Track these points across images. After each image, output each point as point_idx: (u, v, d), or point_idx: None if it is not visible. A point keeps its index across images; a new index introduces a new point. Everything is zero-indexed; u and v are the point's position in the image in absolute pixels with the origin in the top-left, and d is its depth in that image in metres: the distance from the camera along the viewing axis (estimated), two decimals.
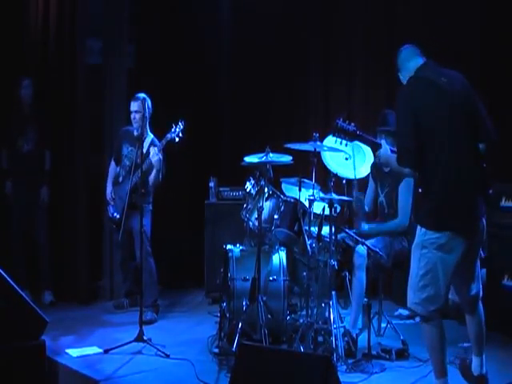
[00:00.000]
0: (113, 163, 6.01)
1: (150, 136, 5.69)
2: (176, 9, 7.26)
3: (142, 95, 5.62)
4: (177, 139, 5.43)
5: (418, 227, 3.64)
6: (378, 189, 5.07)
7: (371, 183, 5.18)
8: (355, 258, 4.70)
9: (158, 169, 5.61)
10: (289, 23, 7.20)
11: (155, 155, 5.50)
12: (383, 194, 5.02)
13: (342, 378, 3.61)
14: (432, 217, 3.57)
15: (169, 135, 5.42)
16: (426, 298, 3.55)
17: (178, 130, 5.41)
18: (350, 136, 3.89)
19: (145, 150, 5.41)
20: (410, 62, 3.78)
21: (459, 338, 4.83)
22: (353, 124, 3.89)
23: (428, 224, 3.57)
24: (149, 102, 5.54)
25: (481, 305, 3.84)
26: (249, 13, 7.40)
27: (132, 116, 5.73)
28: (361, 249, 4.71)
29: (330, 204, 4.59)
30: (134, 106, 5.71)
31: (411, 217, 4.86)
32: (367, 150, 5.36)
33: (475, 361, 3.89)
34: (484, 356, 3.88)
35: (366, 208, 5.12)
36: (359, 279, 4.69)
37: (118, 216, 5.70)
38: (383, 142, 3.92)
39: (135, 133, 5.73)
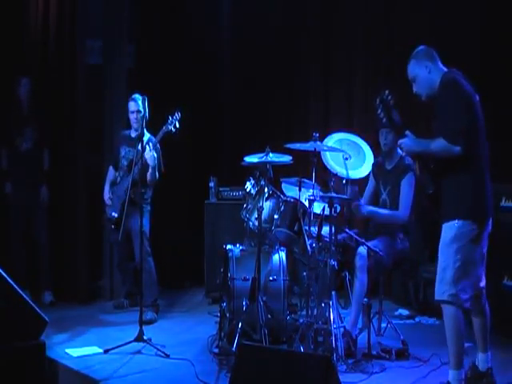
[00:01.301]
0: (111, 169, 6.01)
1: (147, 135, 5.69)
2: (176, 9, 7.26)
3: (138, 96, 5.61)
4: (173, 130, 5.41)
5: (449, 223, 3.78)
6: (381, 187, 5.06)
7: (371, 181, 5.17)
8: (357, 260, 4.68)
9: (153, 166, 5.59)
10: (289, 23, 7.21)
11: (149, 152, 5.47)
12: (386, 191, 5.01)
13: (342, 378, 3.60)
14: (472, 208, 3.77)
15: (165, 127, 5.41)
16: (462, 289, 3.76)
17: (174, 120, 5.40)
18: (386, 111, 3.94)
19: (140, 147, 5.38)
20: (438, 61, 3.97)
21: None
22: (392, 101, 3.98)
23: (468, 214, 3.76)
24: (144, 103, 5.45)
25: (487, 302, 4.00)
26: (249, 13, 7.41)
27: (134, 116, 5.73)
28: (362, 250, 4.70)
29: (330, 204, 4.59)
30: (133, 105, 5.72)
31: (411, 213, 4.88)
32: (367, 149, 5.36)
33: (481, 357, 4.03)
34: (489, 352, 4.02)
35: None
36: (361, 281, 4.67)
37: (115, 215, 5.68)
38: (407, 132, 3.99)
39: (132, 135, 5.75)
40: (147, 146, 5.47)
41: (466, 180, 3.79)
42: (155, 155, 5.55)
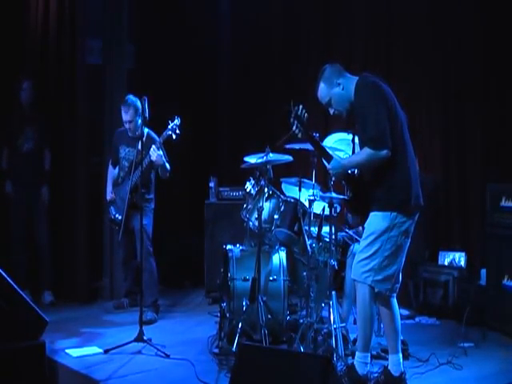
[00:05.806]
0: (111, 167, 6.00)
1: (145, 130, 5.66)
2: (176, 9, 7.27)
3: (131, 100, 5.55)
4: (174, 136, 5.39)
5: (384, 213, 3.82)
6: None
7: None
8: (349, 259, 4.70)
9: (162, 163, 5.55)
10: (289, 25, 7.21)
11: (155, 152, 5.41)
12: None
13: None
14: (405, 202, 3.82)
15: (165, 133, 5.39)
16: (387, 277, 3.85)
17: (174, 126, 5.37)
18: (302, 126, 4.01)
19: (140, 147, 5.34)
20: (346, 72, 4.07)
21: (458, 338, 4.84)
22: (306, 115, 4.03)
23: (401, 209, 3.82)
24: (144, 103, 5.08)
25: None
26: (248, 13, 7.42)
27: (127, 126, 5.65)
28: (355, 248, 4.70)
29: (330, 204, 4.59)
30: (124, 116, 5.60)
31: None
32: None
33: (391, 359, 3.98)
34: (400, 354, 3.99)
35: None
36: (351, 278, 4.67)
37: (120, 217, 5.64)
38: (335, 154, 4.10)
39: (130, 134, 5.72)
40: (153, 146, 5.42)
41: (394, 176, 3.81)
42: (161, 153, 5.49)
